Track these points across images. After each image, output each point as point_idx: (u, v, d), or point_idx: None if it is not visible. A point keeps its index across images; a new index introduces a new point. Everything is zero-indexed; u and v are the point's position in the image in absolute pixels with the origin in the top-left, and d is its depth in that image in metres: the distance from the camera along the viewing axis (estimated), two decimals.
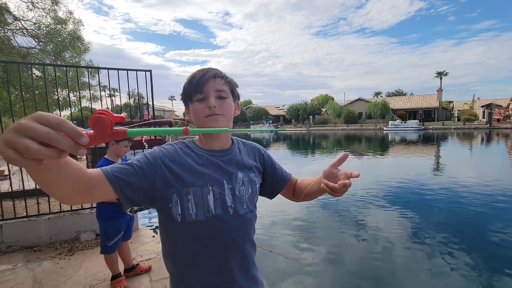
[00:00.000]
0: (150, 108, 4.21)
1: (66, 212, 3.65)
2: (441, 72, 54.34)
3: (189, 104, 0.93)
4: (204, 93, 0.89)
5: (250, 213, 0.99)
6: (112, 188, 0.74)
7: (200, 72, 0.91)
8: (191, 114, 0.93)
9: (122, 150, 2.51)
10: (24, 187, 3.65)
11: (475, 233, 4.82)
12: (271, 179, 1.09)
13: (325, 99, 68.49)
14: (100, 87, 5.44)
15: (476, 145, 19.36)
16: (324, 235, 4.87)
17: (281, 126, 57.21)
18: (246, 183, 0.97)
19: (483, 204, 6.24)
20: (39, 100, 5.66)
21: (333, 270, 3.78)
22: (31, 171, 0.54)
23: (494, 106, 42.14)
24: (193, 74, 0.93)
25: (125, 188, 0.76)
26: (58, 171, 0.57)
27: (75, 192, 0.65)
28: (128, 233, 2.71)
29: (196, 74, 0.91)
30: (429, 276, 3.54)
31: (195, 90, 0.89)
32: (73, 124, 0.44)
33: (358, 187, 8.11)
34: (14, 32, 5.95)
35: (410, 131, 35.87)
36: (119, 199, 0.77)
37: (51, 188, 0.60)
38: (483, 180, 8.46)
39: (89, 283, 2.66)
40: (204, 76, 0.89)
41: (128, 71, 3.65)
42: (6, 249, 3.32)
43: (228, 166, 0.95)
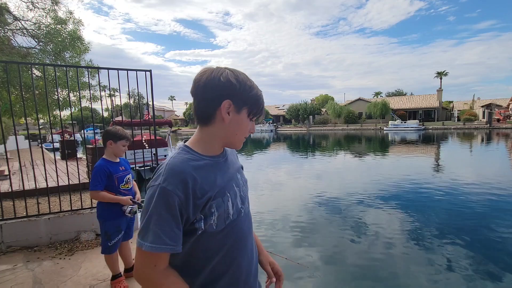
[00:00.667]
0: (150, 108, 4.21)
1: (66, 212, 3.65)
2: (441, 72, 54.33)
3: (241, 112, 0.86)
4: (259, 119, 0.93)
5: (249, 210, 1.02)
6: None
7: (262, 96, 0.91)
8: (233, 121, 0.85)
9: (120, 150, 2.50)
10: (24, 187, 3.66)
11: (475, 232, 4.82)
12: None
13: (325, 99, 68.47)
14: (100, 87, 5.43)
15: (476, 145, 19.36)
16: (324, 236, 4.87)
17: (281, 126, 57.21)
18: (244, 182, 0.99)
19: (483, 204, 6.24)
20: (39, 100, 5.65)
21: (333, 271, 3.78)
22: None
23: (494, 106, 42.13)
24: (259, 90, 0.89)
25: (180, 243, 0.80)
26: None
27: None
28: (129, 232, 2.71)
29: (262, 95, 0.90)
30: (429, 276, 3.54)
31: (260, 111, 0.89)
32: None
33: (358, 187, 8.11)
34: (14, 32, 5.95)
35: (410, 131, 35.86)
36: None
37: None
38: (483, 180, 8.46)
39: (89, 283, 2.66)
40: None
41: (128, 71, 3.65)
42: (6, 249, 3.32)
43: (230, 169, 0.94)
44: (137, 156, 7.75)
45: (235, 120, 0.85)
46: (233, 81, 0.82)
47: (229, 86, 0.82)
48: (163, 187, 0.76)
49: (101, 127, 18.89)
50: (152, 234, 0.75)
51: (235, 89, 0.82)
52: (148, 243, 0.74)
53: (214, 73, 0.82)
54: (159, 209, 0.75)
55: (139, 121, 5.50)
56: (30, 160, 3.70)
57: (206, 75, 0.83)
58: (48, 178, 3.94)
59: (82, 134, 18.60)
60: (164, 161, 0.85)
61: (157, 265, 0.78)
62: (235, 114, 0.85)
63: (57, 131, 25.15)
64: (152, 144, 9.61)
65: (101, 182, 2.36)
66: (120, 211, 2.45)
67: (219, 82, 0.81)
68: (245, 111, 0.86)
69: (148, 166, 9.92)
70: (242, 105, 0.85)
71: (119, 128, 2.54)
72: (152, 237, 0.74)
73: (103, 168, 2.39)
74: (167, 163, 0.81)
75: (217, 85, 0.81)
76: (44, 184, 4.14)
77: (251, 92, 0.85)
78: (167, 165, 0.80)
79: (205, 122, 0.86)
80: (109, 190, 2.42)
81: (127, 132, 2.58)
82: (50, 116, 4.19)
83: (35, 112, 4.38)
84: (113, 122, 8.28)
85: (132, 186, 2.65)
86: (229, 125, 0.85)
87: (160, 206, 0.75)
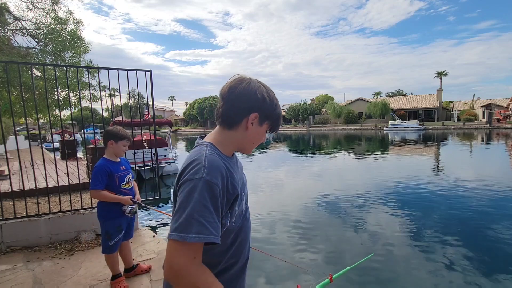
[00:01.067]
0: (150, 108, 4.21)
1: (66, 212, 3.65)
2: (441, 72, 54.32)
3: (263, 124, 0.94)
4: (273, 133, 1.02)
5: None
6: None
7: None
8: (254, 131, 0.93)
9: (121, 150, 2.51)
10: (24, 187, 3.65)
11: (475, 232, 4.82)
12: None
13: (325, 99, 68.44)
14: (100, 87, 5.43)
15: (476, 145, 19.36)
16: (324, 237, 4.87)
17: (281, 126, 57.10)
18: (246, 182, 1.06)
19: (483, 204, 6.24)
20: (39, 100, 5.65)
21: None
22: None
23: (494, 106, 42.14)
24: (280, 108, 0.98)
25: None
26: None
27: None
28: (129, 232, 2.71)
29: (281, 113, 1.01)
30: (429, 276, 3.54)
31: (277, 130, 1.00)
32: None
33: (358, 187, 8.11)
34: (14, 32, 5.95)
35: (410, 131, 35.86)
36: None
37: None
38: (483, 180, 8.46)
39: (89, 283, 2.66)
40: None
41: (128, 71, 3.65)
42: (6, 249, 3.32)
43: (240, 170, 1.03)
44: (137, 156, 7.75)
45: (256, 131, 0.94)
46: (266, 97, 0.91)
47: (261, 101, 0.90)
48: (208, 180, 0.78)
49: (101, 127, 18.90)
50: (197, 225, 0.75)
51: (265, 105, 0.91)
52: (193, 234, 0.75)
53: (251, 85, 0.90)
54: (204, 200, 0.77)
55: (139, 121, 5.50)
56: (30, 160, 3.70)
57: (243, 84, 0.89)
58: (48, 178, 3.94)
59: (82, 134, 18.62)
60: (196, 156, 0.85)
61: (196, 257, 0.78)
62: (257, 125, 0.93)
63: (57, 131, 25.14)
64: (152, 144, 9.61)
65: (102, 182, 2.36)
66: (120, 210, 2.45)
67: (254, 96, 0.89)
68: (266, 125, 0.95)
69: (148, 166, 9.92)
70: (265, 120, 0.94)
71: (120, 128, 2.55)
72: (198, 228, 0.75)
73: (104, 168, 2.40)
74: (205, 158, 0.83)
75: (252, 98, 0.89)
76: (44, 184, 4.14)
77: (276, 110, 0.95)
78: (205, 160, 0.82)
79: (229, 126, 0.92)
80: (110, 189, 2.42)
81: (128, 132, 2.59)
82: (50, 116, 4.19)
83: (35, 112, 4.38)
84: (113, 122, 8.28)
85: (133, 186, 2.65)
86: (250, 133, 0.93)
87: (204, 198, 0.77)
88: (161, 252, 3.29)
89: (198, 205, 0.76)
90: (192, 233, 0.74)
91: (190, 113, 68.79)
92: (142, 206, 2.73)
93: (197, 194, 0.77)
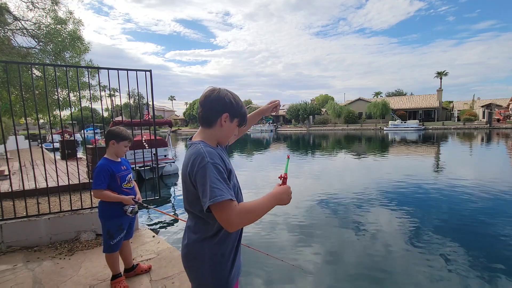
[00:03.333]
0: (150, 108, 4.21)
1: (66, 212, 3.65)
2: (441, 72, 54.32)
3: (233, 121, 1.24)
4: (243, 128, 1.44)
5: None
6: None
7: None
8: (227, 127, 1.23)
9: (122, 150, 2.52)
10: (24, 187, 3.66)
11: (475, 232, 4.82)
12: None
13: (325, 99, 68.42)
14: (100, 87, 5.44)
15: (476, 145, 19.36)
16: (322, 237, 4.87)
17: (281, 126, 57.22)
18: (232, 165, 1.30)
19: (483, 204, 6.24)
20: (39, 100, 5.65)
21: (331, 274, 3.77)
22: (270, 208, 1.18)
23: (494, 106, 42.14)
24: (245, 108, 1.28)
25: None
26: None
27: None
28: (130, 232, 2.72)
29: (247, 111, 1.34)
30: (429, 276, 3.54)
31: (245, 124, 1.32)
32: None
33: (357, 187, 8.11)
34: (14, 32, 5.95)
35: (410, 131, 35.86)
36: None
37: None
38: (483, 180, 8.46)
39: (89, 283, 2.66)
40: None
41: (128, 71, 3.65)
42: (6, 249, 3.32)
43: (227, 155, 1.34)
44: (137, 156, 7.74)
45: (228, 126, 1.24)
46: (232, 101, 1.21)
47: (229, 104, 1.20)
48: (212, 162, 1.09)
49: (101, 127, 18.89)
50: (217, 191, 1.05)
51: (233, 106, 1.21)
52: (218, 196, 1.04)
53: (221, 93, 1.20)
54: (215, 176, 1.07)
55: (139, 121, 5.49)
56: (30, 160, 3.70)
57: (215, 93, 1.20)
58: (48, 178, 3.94)
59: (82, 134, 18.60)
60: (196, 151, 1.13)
61: (232, 205, 1.07)
62: (229, 122, 1.23)
63: (57, 131, 25.14)
64: (152, 144, 9.60)
65: (104, 181, 2.37)
66: (122, 210, 2.46)
67: (223, 100, 1.19)
68: (236, 121, 1.25)
69: (148, 166, 9.91)
70: (234, 117, 1.24)
71: (122, 128, 2.56)
72: (218, 192, 1.04)
73: (105, 167, 2.40)
74: (203, 150, 1.12)
75: (222, 102, 1.19)
76: (44, 184, 4.14)
77: (242, 109, 1.26)
78: (204, 152, 1.11)
79: (209, 126, 1.23)
80: (112, 189, 2.43)
81: (130, 133, 2.60)
82: (50, 116, 4.19)
83: (35, 112, 4.38)
84: (113, 122, 8.28)
85: (134, 186, 2.66)
86: (224, 129, 1.24)
87: (215, 174, 1.07)
88: (161, 252, 3.29)
89: (213, 179, 1.06)
90: (217, 196, 1.03)
91: (190, 113, 68.79)
92: (143, 206, 2.73)
93: (209, 173, 1.07)
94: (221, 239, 1.20)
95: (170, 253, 3.26)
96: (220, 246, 1.20)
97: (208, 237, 1.19)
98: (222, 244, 1.20)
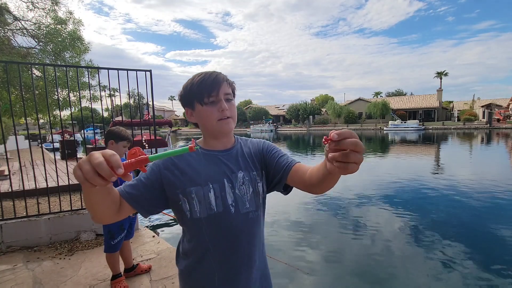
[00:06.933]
0: (150, 108, 4.21)
1: (66, 212, 3.65)
2: (441, 72, 54.31)
3: (196, 106, 0.94)
4: (217, 96, 0.92)
5: (252, 213, 0.98)
6: (128, 205, 0.86)
7: (209, 75, 0.93)
8: (198, 116, 0.96)
9: (121, 151, 2.52)
10: (24, 187, 3.65)
11: (475, 232, 4.82)
12: (273, 171, 1.00)
13: (325, 99, 68.45)
14: (100, 87, 5.44)
15: (476, 145, 19.36)
16: (323, 238, 4.87)
17: (281, 126, 57.23)
18: (247, 182, 0.98)
19: (483, 204, 6.24)
20: (39, 100, 5.65)
21: (333, 276, 3.77)
22: (86, 192, 0.71)
23: (494, 106, 42.15)
24: (199, 76, 0.93)
25: (140, 202, 0.88)
26: (104, 196, 0.75)
27: (112, 213, 0.82)
28: (130, 232, 2.73)
29: (206, 76, 0.92)
30: (429, 276, 3.54)
31: (209, 93, 0.91)
32: (118, 159, 0.57)
33: (357, 187, 8.11)
34: (14, 32, 5.95)
35: (410, 131, 35.85)
36: (139, 212, 0.89)
37: (95, 209, 0.77)
38: (483, 180, 8.46)
39: (89, 283, 2.66)
40: (217, 79, 0.92)
41: (128, 71, 3.65)
42: (6, 249, 3.32)
43: (228, 165, 0.97)
44: None
45: (197, 115, 0.96)
46: (180, 94, 0.99)
47: (182, 97, 0.98)
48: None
49: (101, 127, 18.87)
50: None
51: (182, 98, 0.99)
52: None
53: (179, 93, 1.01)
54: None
55: (139, 121, 5.49)
56: (30, 160, 3.70)
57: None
58: (48, 178, 3.94)
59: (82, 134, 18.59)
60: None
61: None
62: (193, 112, 0.97)
63: (57, 131, 25.12)
64: (152, 144, 9.60)
65: None
66: None
67: (180, 98, 1.00)
68: (197, 104, 0.94)
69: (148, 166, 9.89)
70: (190, 102, 0.96)
71: (122, 129, 2.57)
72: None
73: None
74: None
75: (181, 100, 1.00)
76: (44, 184, 4.14)
77: (188, 88, 0.95)
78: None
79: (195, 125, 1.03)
80: None
81: (129, 134, 2.60)
82: (50, 116, 4.19)
83: (35, 112, 4.38)
84: (113, 122, 8.27)
85: None
86: (198, 120, 0.97)
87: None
88: (161, 252, 3.29)
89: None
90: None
91: None
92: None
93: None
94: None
95: (170, 253, 3.26)
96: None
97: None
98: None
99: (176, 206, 0.94)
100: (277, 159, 1.00)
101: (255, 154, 1.04)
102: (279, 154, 1.01)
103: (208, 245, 0.93)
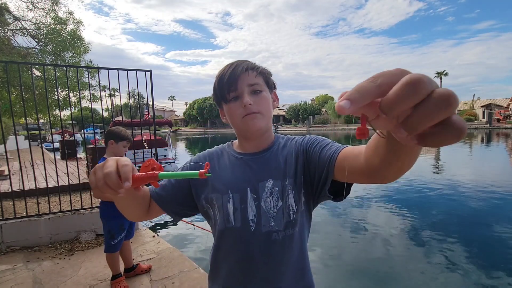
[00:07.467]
0: (150, 108, 4.21)
1: (66, 212, 3.65)
2: (440, 72, 54.33)
3: (223, 106, 0.83)
4: (237, 90, 0.77)
5: (276, 233, 0.78)
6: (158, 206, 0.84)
7: (229, 67, 0.80)
8: (227, 116, 0.83)
9: (121, 150, 2.52)
10: (24, 187, 3.66)
11: (474, 232, 4.82)
12: (318, 170, 0.75)
13: (325, 99, 68.38)
14: (100, 87, 5.44)
15: (476, 145, 19.36)
16: (323, 238, 4.87)
17: (281, 126, 57.26)
18: (276, 193, 0.78)
19: (483, 204, 6.24)
20: (39, 100, 5.66)
21: (332, 275, 3.77)
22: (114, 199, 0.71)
23: (494, 106, 42.14)
24: (222, 70, 0.81)
25: (167, 203, 0.85)
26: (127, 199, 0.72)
27: (140, 213, 0.81)
28: (131, 232, 2.72)
29: (226, 70, 0.80)
30: (429, 276, 3.54)
31: (228, 89, 0.78)
32: (128, 170, 0.54)
33: (357, 187, 8.11)
34: (14, 32, 5.96)
35: None
36: (166, 213, 0.86)
37: (121, 209, 0.77)
38: (483, 180, 8.46)
39: (89, 283, 2.66)
40: (235, 71, 0.78)
41: (128, 71, 3.65)
42: (6, 249, 3.32)
43: (256, 171, 0.81)
44: (137, 156, 7.73)
45: (227, 115, 0.84)
46: (213, 92, 0.87)
47: (214, 97, 0.87)
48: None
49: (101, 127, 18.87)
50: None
51: (215, 89, 0.83)
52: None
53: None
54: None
55: (139, 121, 5.49)
56: (30, 160, 3.70)
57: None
58: (48, 178, 3.94)
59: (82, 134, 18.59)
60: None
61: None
62: (223, 112, 0.86)
63: (57, 131, 25.13)
64: (152, 144, 9.60)
65: None
66: None
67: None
68: (223, 103, 0.84)
69: None
70: (218, 102, 0.85)
71: (122, 129, 2.57)
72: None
73: None
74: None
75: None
76: (44, 184, 4.14)
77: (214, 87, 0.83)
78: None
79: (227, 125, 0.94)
80: None
81: (129, 134, 2.60)
82: (50, 116, 4.20)
83: (35, 112, 4.38)
84: (113, 122, 8.27)
85: None
86: (229, 121, 0.85)
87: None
88: (161, 252, 3.29)
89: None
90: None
91: (190, 113, 68.74)
92: None
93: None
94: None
95: (170, 253, 3.26)
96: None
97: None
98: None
99: (203, 212, 0.88)
100: (320, 153, 0.74)
101: (295, 155, 0.81)
102: (322, 145, 0.76)
103: (223, 260, 0.84)
